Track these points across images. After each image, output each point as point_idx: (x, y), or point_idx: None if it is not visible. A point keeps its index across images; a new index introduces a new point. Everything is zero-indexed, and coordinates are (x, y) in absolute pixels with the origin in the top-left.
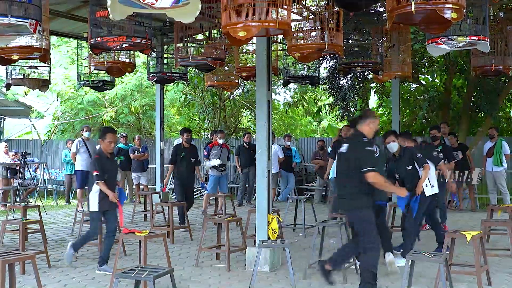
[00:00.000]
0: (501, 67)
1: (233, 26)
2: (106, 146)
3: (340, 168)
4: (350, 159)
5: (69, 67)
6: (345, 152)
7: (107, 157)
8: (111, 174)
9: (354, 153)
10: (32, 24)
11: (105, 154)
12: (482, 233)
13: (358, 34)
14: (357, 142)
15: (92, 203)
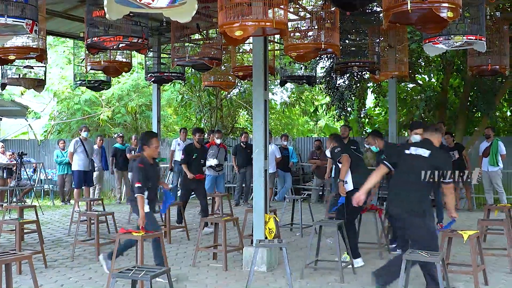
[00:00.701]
0: (497, 67)
1: (229, 25)
2: (152, 151)
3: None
4: (434, 166)
5: (66, 67)
6: (428, 157)
7: (150, 163)
8: (154, 181)
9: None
10: (29, 24)
11: (149, 161)
12: (479, 232)
13: (354, 33)
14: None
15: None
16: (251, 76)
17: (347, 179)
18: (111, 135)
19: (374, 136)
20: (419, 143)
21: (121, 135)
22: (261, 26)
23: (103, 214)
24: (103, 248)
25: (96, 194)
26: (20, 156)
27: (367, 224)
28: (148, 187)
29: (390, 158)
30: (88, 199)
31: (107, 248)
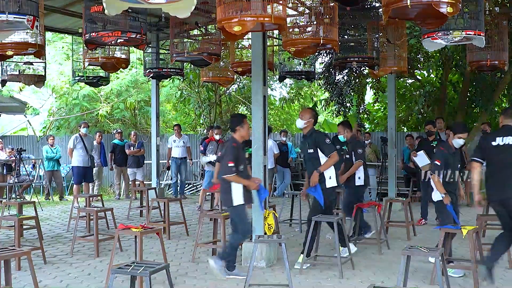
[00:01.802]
0: (496, 62)
1: (228, 21)
2: (245, 133)
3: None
4: None
5: (64, 62)
6: None
7: (242, 147)
8: (245, 166)
9: None
10: (30, 20)
11: (241, 144)
12: (478, 228)
13: (353, 29)
14: None
15: (236, 196)
16: (250, 72)
17: (331, 174)
18: (110, 131)
19: (344, 126)
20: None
21: (120, 131)
22: (260, 22)
23: (102, 210)
24: (102, 244)
25: (95, 190)
26: (19, 152)
27: (366, 220)
28: (240, 171)
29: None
30: (87, 195)
31: (107, 244)
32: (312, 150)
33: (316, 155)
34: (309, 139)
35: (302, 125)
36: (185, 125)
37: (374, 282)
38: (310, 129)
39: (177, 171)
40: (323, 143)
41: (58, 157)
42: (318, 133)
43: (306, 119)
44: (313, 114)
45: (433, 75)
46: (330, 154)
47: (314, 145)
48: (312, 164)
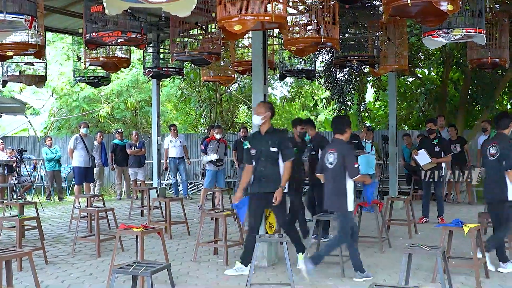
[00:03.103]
0: (497, 60)
1: (228, 20)
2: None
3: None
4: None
5: (65, 63)
6: None
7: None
8: None
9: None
10: (28, 20)
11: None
12: (479, 225)
13: (354, 27)
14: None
15: (350, 201)
16: (250, 71)
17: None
18: (110, 131)
19: (308, 124)
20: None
21: (120, 131)
22: (260, 20)
23: (104, 210)
24: (104, 244)
25: (96, 190)
26: (20, 153)
27: (368, 218)
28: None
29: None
30: (89, 195)
31: (108, 244)
32: (275, 149)
33: (278, 155)
34: (272, 137)
35: (259, 121)
36: (186, 125)
37: (376, 280)
38: (270, 126)
39: (176, 171)
40: (287, 146)
41: (59, 157)
42: (282, 132)
43: (262, 114)
44: (269, 107)
45: (433, 73)
46: (288, 160)
47: (279, 144)
48: (272, 165)
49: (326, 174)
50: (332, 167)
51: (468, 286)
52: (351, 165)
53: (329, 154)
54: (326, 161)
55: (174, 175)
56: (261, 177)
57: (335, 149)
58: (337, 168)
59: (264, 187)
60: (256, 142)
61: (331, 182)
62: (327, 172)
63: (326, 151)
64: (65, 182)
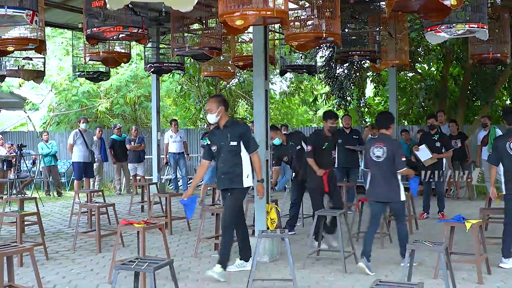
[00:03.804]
0: (498, 55)
1: (230, 15)
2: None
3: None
4: None
5: (64, 58)
6: None
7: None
8: None
9: None
10: (29, 14)
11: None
12: (481, 221)
13: (354, 22)
14: None
15: (402, 191)
16: (251, 66)
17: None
18: (109, 127)
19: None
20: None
21: (119, 127)
22: (262, 15)
23: (104, 206)
24: (104, 239)
25: (96, 185)
26: (20, 148)
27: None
28: None
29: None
30: (88, 191)
31: (108, 240)
32: (235, 142)
33: (239, 149)
34: (231, 130)
35: (215, 118)
36: (186, 120)
37: (378, 276)
38: (228, 119)
39: (175, 166)
40: (249, 137)
41: (54, 152)
42: (241, 124)
43: (216, 110)
44: (220, 101)
45: (433, 68)
46: (254, 152)
47: (239, 137)
48: (231, 159)
49: (373, 167)
50: (380, 161)
51: (470, 282)
52: (399, 158)
53: (376, 149)
54: (372, 155)
55: (174, 171)
56: (222, 174)
57: (383, 144)
58: (386, 162)
59: (225, 183)
60: (216, 138)
61: (381, 175)
62: (373, 165)
63: (372, 145)
64: (65, 177)
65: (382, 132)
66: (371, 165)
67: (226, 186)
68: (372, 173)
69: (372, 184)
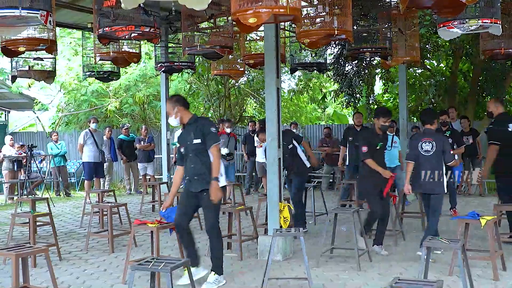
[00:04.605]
0: (511, 50)
1: (243, 13)
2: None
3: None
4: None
5: (72, 58)
6: None
7: None
8: None
9: None
10: (43, 15)
11: None
12: (496, 218)
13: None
14: None
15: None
16: (261, 64)
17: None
18: (119, 126)
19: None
20: None
21: (126, 127)
22: (275, 13)
23: (117, 206)
24: (116, 239)
25: (106, 185)
26: (30, 149)
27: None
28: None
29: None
30: (100, 191)
31: (120, 240)
32: (199, 140)
33: (204, 146)
34: (193, 128)
35: (174, 121)
36: None
37: (392, 274)
38: (191, 116)
39: None
40: (208, 132)
41: (64, 153)
42: (204, 119)
43: (173, 112)
44: (174, 101)
45: (443, 64)
46: (212, 146)
47: (201, 133)
48: (199, 158)
49: (421, 161)
50: (429, 155)
51: (485, 279)
52: (448, 152)
53: (424, 143)
54: (420, 150)
55: None
56: (191, 176)
57: (432, 138)
58: (435, 155)
59: (197, 186)
60: (181, 139)
61: (428, 168)
62: (421, 159)
63: (419, 140)
64: (74, 178)
65: (427, 127)
66: (419, 159)
67: (199, 188)
68: (420, 167)
69: (418, 176)
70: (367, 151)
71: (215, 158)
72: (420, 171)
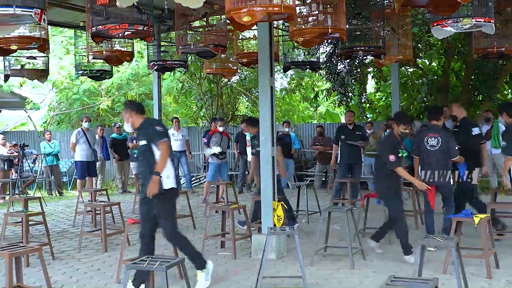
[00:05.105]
0: (503, 49)
1: (237, 11)
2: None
3: None
4: None
5: (64, 57)
6: None
7: None
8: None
9: None
10: (37, 13)
11: None
12: (489, 216)
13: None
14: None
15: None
16: (255, 63)
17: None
18: (111, 125)
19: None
20: None
21: (119, 125)
22: (270, 11)
23: (110, 205)
24: (109, 238)
25: (98, 184)
26: (22, 148)
27: (374, 209)
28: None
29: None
30: (92, 190)
31: (113, 239)
32: (144, 141)
33: (150, 148)
34: (140, 130)
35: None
36: (187, 118)
37: (386, 272)
38: (142, 120)
39: (177, 164)
40: (153, 131)
41: (57, 152)
42: (149, 120)
43: (126, 117)
44: (127, 107)
45: (435, 63)
46: (159, 142)
47: (147, 134)
48: (146, 160)
49: (427, 156)
50: (435, 149)
51: (479, 277)
52: (453, 148)
53: (430, 138)
54: (426, 144)
55: (176, 169)
56: (142, 181)
57: (438, 134)
58: (441, 150)
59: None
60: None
61: (435, 162)
62: (427, 153)
63: (425, 135)
64: (66, 177)
65: (434, 123)
66: (425, 153)
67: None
68: (425, 161)
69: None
70: (395, 159)
71: (161, 154)
72: (425, 166)
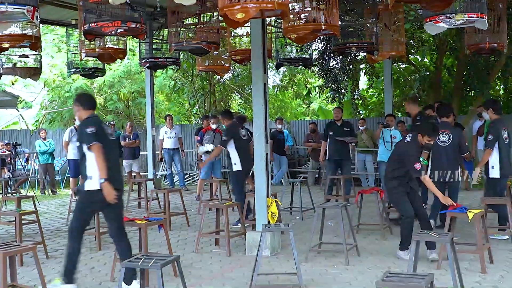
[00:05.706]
0: (495, 45)
1: (230, 8)
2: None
3: None
4: None
5: (56, 55)
6: None
7: None
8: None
9: None
10: (30, 10)
11: None
12: (483, 211)
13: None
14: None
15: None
16: (248, 60)
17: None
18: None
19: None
20: None
21: (112, 123)
22: (263, 8)
23: None
24: (103, 237)
25: None
26: (15, 147)
27: (368, 206)
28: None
29: None
30: None
31: (107, 237)
32: (78, 142)
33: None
34: (79, 129)
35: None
36: (179, 115)
37: (381, 268)
38: (86, 117)
39: (170, 162)
40: (81, 133)
41: (52, 150)
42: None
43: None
44: (75, 102)
45: (427, 59)
46: (88, 146)
47: (80, 135)
48: (81, 161)
49: (438, 152)
50: (446, 145)
51: (473, 272)
52: (464, 143)
53: (441, 135)
54: (437, 141)
55: (169, 166)
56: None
57: (448, 131)
58: (451, 146)
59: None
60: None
61: (445, 158)
62: (438, 149)
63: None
64: (59, 175)
65: (444, 120)
66: (436, 149)
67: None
68: (436, 156)
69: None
70: (420, 167)
71: (96, 158)
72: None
